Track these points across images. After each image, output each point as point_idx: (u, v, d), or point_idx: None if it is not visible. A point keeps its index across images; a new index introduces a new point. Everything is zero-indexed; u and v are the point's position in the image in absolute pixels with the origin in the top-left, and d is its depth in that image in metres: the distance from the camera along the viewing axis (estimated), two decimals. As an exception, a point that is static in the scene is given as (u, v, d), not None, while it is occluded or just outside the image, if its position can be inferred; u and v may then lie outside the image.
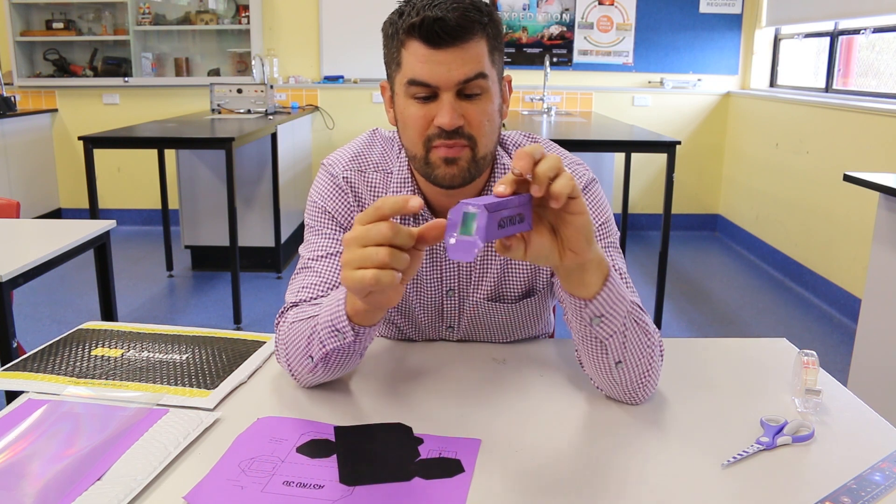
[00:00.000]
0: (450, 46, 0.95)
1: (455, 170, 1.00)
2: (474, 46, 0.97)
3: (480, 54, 0.98)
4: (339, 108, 5.34)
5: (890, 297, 2.25)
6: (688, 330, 3.54)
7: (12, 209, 2.18)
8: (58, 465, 0.82)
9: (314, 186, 1.15)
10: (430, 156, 1.01)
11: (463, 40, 0.96)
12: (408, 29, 0.96)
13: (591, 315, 0.90)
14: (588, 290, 0.88)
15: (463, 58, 0.96)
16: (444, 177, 1.01)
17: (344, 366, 0.99)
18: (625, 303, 0.91)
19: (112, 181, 5.40)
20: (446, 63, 0.96)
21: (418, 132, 1.00)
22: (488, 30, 0.99)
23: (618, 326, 0.91)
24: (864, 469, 0.83)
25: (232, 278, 3.45)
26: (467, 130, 0.99)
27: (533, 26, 5.26)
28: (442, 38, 0.95)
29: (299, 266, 1.11)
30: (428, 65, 0.96)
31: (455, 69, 0.96)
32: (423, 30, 0.95)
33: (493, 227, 0.72)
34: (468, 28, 0.95)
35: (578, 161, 1.16)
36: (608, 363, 0.95)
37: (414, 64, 0.97)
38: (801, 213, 4.23)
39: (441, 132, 0.98)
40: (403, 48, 0.99)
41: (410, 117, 1.01)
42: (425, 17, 0.94)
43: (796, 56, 5.02)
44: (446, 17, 0.94)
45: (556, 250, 0.81)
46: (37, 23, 5.26)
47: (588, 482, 0.81)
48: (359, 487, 0.78)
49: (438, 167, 1.01)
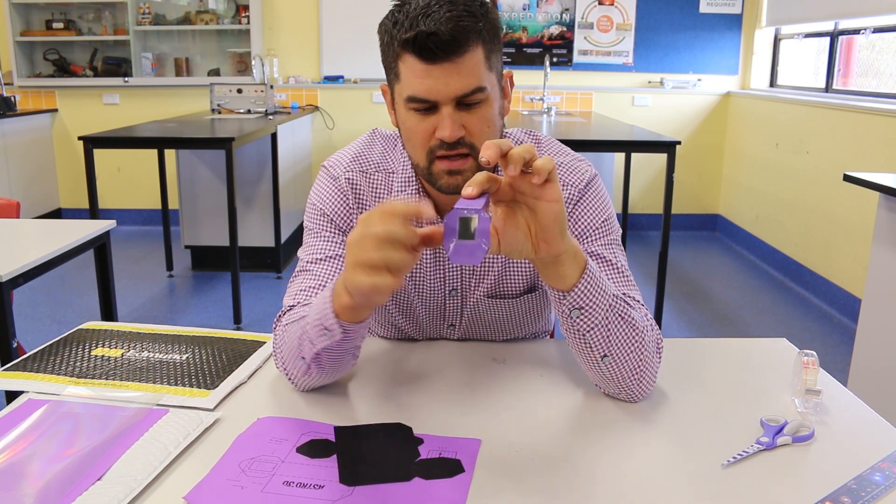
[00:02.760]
0: (444, 61, 0.94)
1: (459, 179, 1.01)
2: (470, 58, 0.95)
3: (476, 64, 0.96)
4: (339, 108, 5.34)
5: (890, 297, 2.25)
6: (688, 330, 3.54)
7: (12, 209, 2.18)
8: (58, 465, 0.82)
9: (314, 189, 1.15)
10: (433, 167, 1.01)
11: (457, 54, 0.94)
12: (402, 43, 0.95)
13: (570, 307, 0.90)
14: (565, 282, 0.88)
15: (459, 72, 0.95)
16: (448, 186, 1.02)
17: (337, 367, 0.97)
18: (606, 296, 0.91)
19: (112, 181, 5.40)
20: (443, 77, 0.95)
21: (420, 144, 1.01)
22: (484, 34, 0.97)
23: (599, 319, 0.92)
24: (864, 469, 0.83)
25: (232, 278, 3.45)
26: (468, 140, 0.99)
27: (533, 26, 5.26)
28: (436, 53, 0.94)
29: (297, 269, 1.11)
30: (425, 80, 0.96)
31: (452, 84, 0.95)
32: (417, 45, 0.94)
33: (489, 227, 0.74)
34: (462, 40, 0.94)
35: (581, 157, 1.16)
36: (594, 357, 0.95)
37: (412, 80, 0.97)
38: (801, 213, 4.23)
39: (443, 143, 0.98)
40: (400, 61, 0.98)
41: (412, 130, 1.01)
42: (419, 33, 0.92)
43: (796, 56, 5.02)
44: (439, 30, 0.92)
45: (530, 242, 0.82)
46: (37, 23, 5.26)
47: (588, 482, 0.81)
48: (359, 487, 0.78)
49: (442, 177, 1.01)
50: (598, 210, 1.10)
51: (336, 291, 0.88)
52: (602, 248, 1.07)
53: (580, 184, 1.11)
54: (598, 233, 1.08)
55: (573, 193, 1.10)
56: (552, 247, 0.82)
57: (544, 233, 0.81)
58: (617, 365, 0.95)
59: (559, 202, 0.80)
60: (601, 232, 1.09)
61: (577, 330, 0.93)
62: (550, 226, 0.81)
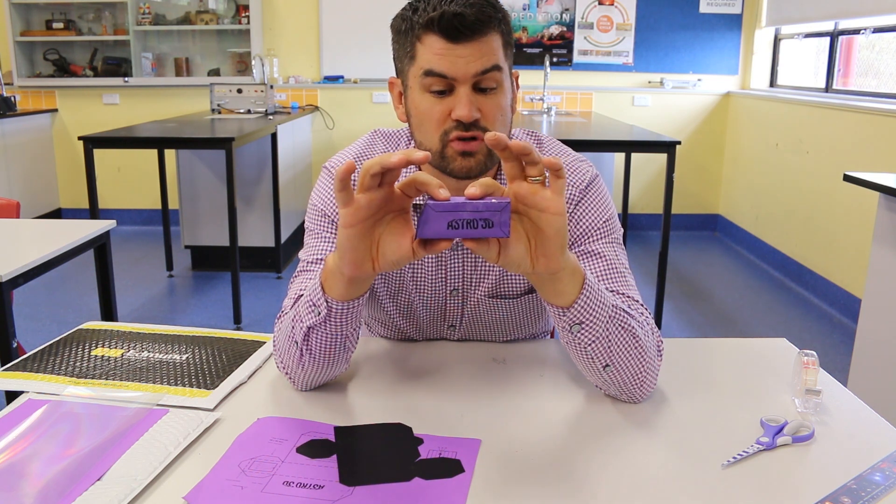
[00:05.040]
0: (468, 41, 0.97)
1: (472, 162, 1.02)
2: (490, 41, 0.99)
3: (496, 48, 1.00)
4: (339, 108, 5.34)
5: (890, 297, 2.25)
6: (688, 330, 3.54)
7: (12, 209, 2.18)
8: (58, 465, 0.82)
9: (315, 189, 1.15)
10: (447, 150, 1.02)
11: (481, 34, 0.98)
12: (426, 23, 0.98)
13: (570, 322, 0.90)
14: (564, 299, 0.88)
15: (481, 50, 0.98)
16: (460, 169, 1.02)
17: (329, 356, 0.96)
18: (605, 308, 0.91)
19: (112, 181, 5.40)
20: (464, 56, 0.97)
21: (434, 126, 1.01)
22: (502, 26, 1.01)
23: (599, 332, 0.91)
24: (864, 469, 0.83)
25: (232, 278, 3.45)
26: (483, 123, 1.00)
27: (533, 26, 5.26)
28: (462, 31, 0.96)
29: (298, 269, 1.11)
30: (446, 58, 0.98)
31: (473, 62, 0.98)
32: (443, 24, 0.96)
33: (440, 225, 0.75)
34: (485, 23, 0.98)
35: (582, 158, 1.16)
36: (596, 367, 0.95)
37: (430, 56, 0.99)
38: (801, 213, 4.23)
39: (458, 125, 0.99)
40: (419, 42, 1.00)
41: (426, 112, 1.01)
42: (444, 12, 0.96)
43: (796, 56, 5.02)
44: (465, 12, 0.96)
45: (529, 257, 0.81)
46: (37, 23, 5.26)
47: (588, 482, 0.81)
48: (359, 487, 0.78)
49: (455, 160, 1.02)
50: (600, 210, 1.10)
51: (326, 264, 0.89)
52: (603, 247, 1.08)
53: (581, 184, 1.11)
54: (599, 232, 1.09)
55: (575, 193, 1.10)
56: (551, 262, 0.82)
57: (544, 247, 0.81)
58: (619, 372, 0.95)
59: (563, 216, 0.79)
60: (603, 231, 1.09)
61: (577, 343, 0.93)
62: (552, 239, 0.80)
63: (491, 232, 0.76)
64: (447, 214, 0.75)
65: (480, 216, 0.76)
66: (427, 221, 0.75)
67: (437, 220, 0.75)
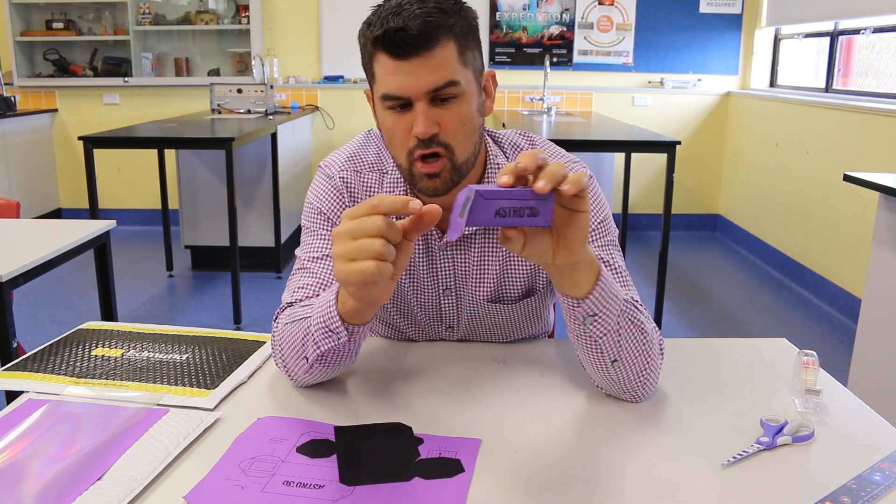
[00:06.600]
0: (414, 56, 0.95)
1: (437, 182, 1.01)
2: (440, 52, 0.95)
3: (448, 59, 0.96)
4: (339, 108, 5.34)
5: (890, 297, 2.25)
6: (688, 330, 3.54)
7: (12, 209, 2.18)
8: (58, 465, 0.82)
9: (311, 188, 1.16)
10: (413, 170, 1.01)
11: (427, 49, 0.94)
12: (373, 42, 0.96)
13: (584, 314, 0.90)
14: (580, 290, 0.88)
15: (430, 66, 0.95)
16: (426, 189, 1.02)
17: (339, 365, 0.99)
18: (618, 301, 0.91)
19: (112, 181, 5.40)
20: (413, 73, 0.95)
21: (399, 145, 1.01)
22: (456, 30, 0.97)
23: (611, 325, 0.92)
24: (864, 469, 0.83)
25: (232, 278, 3.45)
26: (443, 138, 0.98)
27: (533, 26, 5.26)
28: (405, 49, 0.94)
29: (296, 267, 1.12)
30: (396, 77, 0.96)
31: (423, 78, 0.95)
32: (387, 42, 0.94)
33: (487, 213, 0.73)
34: (431, 35, 0.94)
35: (576, 159, 1.16)
36: (604, 361, 0.95)
37: (384, 77, 0.97)
38: (801, 213, 4.23)
39: (419, 142, 0.98)
40: (374, 61, 0.99)
41: (390, 129, 1.01)
42: (387, 29, 0.93)
43: (796, 56, 5.02)
44: (408, 26, 0.93)
45: (551, 248, 0.81)
46: (37, 23, 5.26)
47: (588, 482, 0.81)
48: (359, 487, 0.79)
49: (421, 180, 1.02)
50: (596, 210, 1.10)
51: (341, 294, 0.90)
52: (599, 248, 1.08)
53: None
54: (595, 234, 1.09)
55: None
56: (573, 254, 0.82)
57: (567, 240, 0.80)
58: (625, 368, 0.95)
59: (588, 213, 0.80)
60: (598, 233, 1.09)
61: (588, 336, 0.93)
62: (577, 234, 0.80)
63: (535, 221, 0.76)
64: (495, 202, 0.73)
65: (527, 205, 0.75)
66: (475, 210, 0.73)
67: (486, 208, 0.73)
